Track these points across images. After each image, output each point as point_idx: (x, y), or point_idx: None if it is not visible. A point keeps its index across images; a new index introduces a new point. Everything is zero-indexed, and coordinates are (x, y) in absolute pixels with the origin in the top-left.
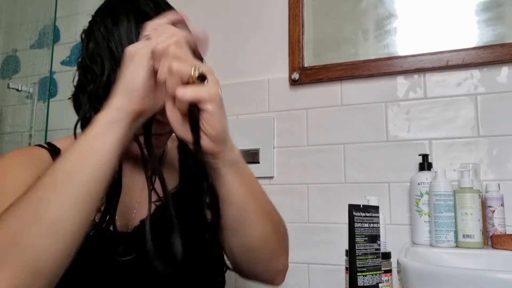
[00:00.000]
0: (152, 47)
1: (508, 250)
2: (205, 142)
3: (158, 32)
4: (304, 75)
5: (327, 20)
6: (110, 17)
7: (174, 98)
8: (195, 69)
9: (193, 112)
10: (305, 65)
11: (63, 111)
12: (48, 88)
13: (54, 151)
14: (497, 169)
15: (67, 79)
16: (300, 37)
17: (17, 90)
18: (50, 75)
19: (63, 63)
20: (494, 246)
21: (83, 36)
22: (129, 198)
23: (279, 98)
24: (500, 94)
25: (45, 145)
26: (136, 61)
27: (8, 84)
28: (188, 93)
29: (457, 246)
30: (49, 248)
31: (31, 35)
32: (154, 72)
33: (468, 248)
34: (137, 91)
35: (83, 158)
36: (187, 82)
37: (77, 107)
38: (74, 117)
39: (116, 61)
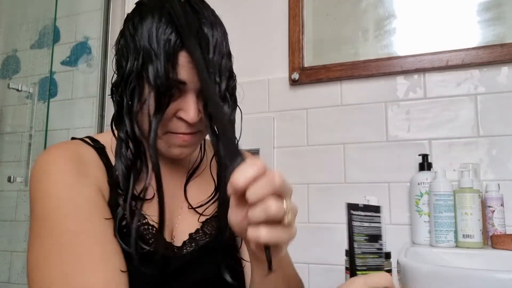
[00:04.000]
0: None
1: (508, 250)
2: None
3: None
4: (304, 75)
5: (327, 20)
6: (138, 14)
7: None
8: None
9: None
10: (305, 65)
11: (63, 111)
12: (48, 88)
13: (100, 149)
14: (497, 169)
15: (67, 79)
16: (300, 37)
17: (17, 90)
18: (50, 75)
19: (63, 63)
20: (494, 246)
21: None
22: (170, 205)
23: (279, 98)
24: (500, 94)
25: (89, 141)
26: None
27: (8, 84)
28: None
29: (457, 246)
30: None
31: (31, 35)
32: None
33: (468, 248)
34: None
35: None
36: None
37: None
38: (74, 117)
39: (137, 55)
